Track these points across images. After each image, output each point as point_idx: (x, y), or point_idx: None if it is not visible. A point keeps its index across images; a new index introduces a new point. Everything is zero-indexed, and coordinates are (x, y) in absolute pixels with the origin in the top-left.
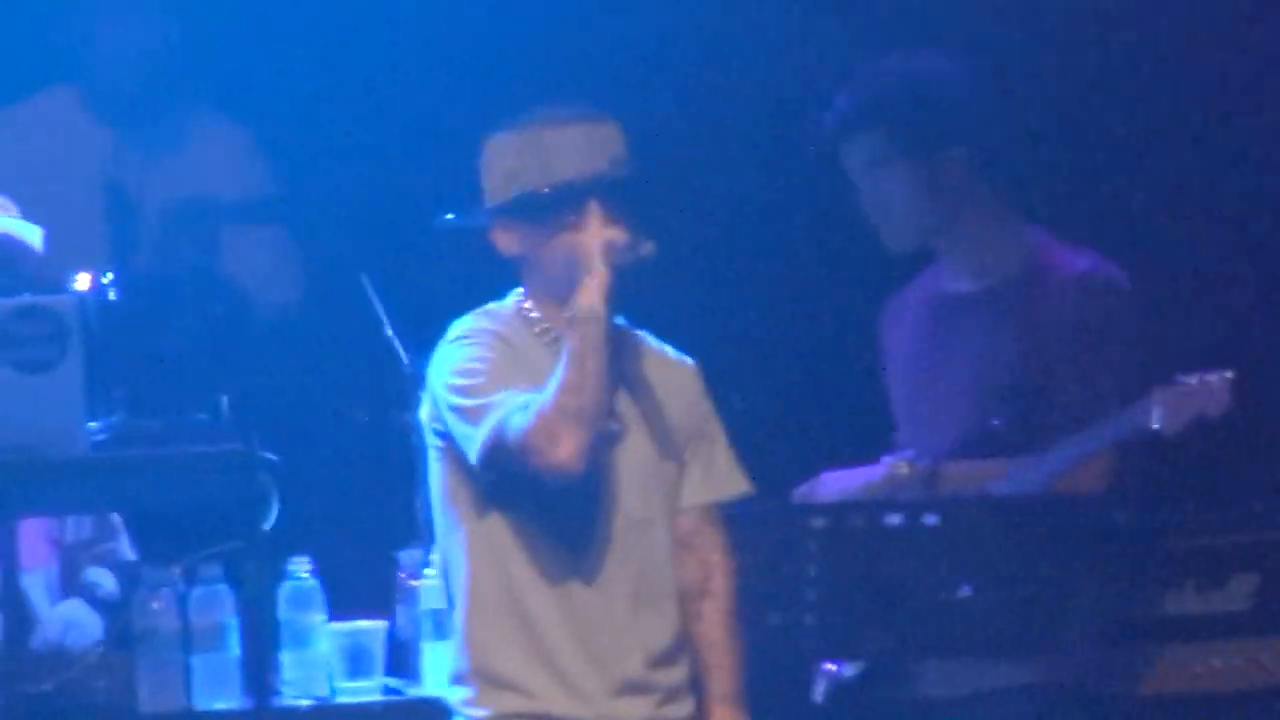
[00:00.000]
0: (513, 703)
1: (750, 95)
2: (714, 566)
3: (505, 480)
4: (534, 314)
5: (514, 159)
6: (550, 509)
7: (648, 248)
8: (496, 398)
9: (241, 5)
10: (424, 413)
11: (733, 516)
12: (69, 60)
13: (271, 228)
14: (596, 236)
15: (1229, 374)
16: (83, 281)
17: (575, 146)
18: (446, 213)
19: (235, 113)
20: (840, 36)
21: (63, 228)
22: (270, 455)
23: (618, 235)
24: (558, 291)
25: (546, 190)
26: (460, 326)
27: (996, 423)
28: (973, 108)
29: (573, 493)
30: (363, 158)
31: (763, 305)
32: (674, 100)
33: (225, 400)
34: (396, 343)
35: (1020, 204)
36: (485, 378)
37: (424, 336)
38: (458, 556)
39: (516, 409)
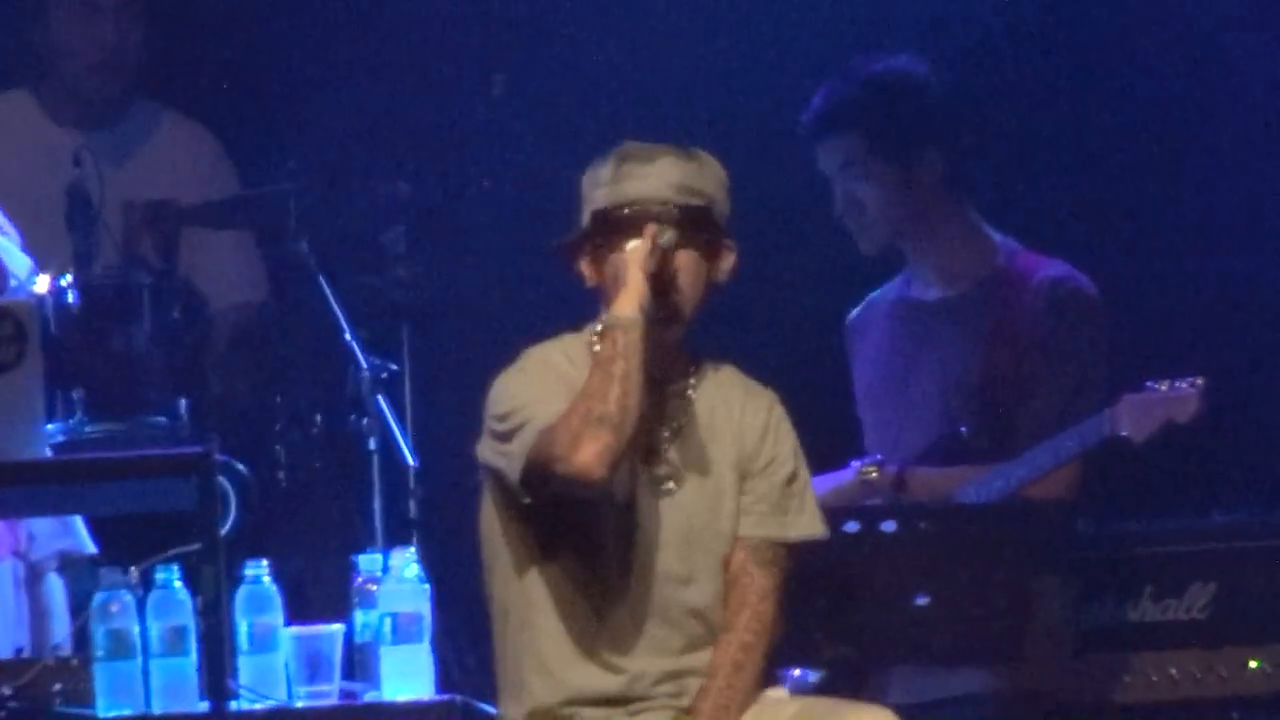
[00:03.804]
0: (526, 700)
1: (728, 100)
2: (745, 609)
3: (541, 505)
4: (596, 344)
5: (592, 184)
6: (585, 558)
7: (666, 235)
8: (535, 417)
9: (203, 8)
10: (479, 448)
11: None
12: (27, 64)
13: (230, 231)
14: (635, 250)
15: (1199, 381)
16: (42, 284)
17: (649, 174)
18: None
19: (195, 115)
20: (817, 41)
21: (22, 230)
22: (228, 459)
23: (645, 243)
24: None
25: (608, 209)
26: (518, 359)
27: (963, 430)
28: (948, 111)
29: (609, 544)
30: (324, 160)
31: (730, 310)
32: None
33: (183, 403)
34: (355, 347)
35: (992, 210)
36: (524, 401)
37: (383, 340)
38: (495, 597)
39: (549, 423)
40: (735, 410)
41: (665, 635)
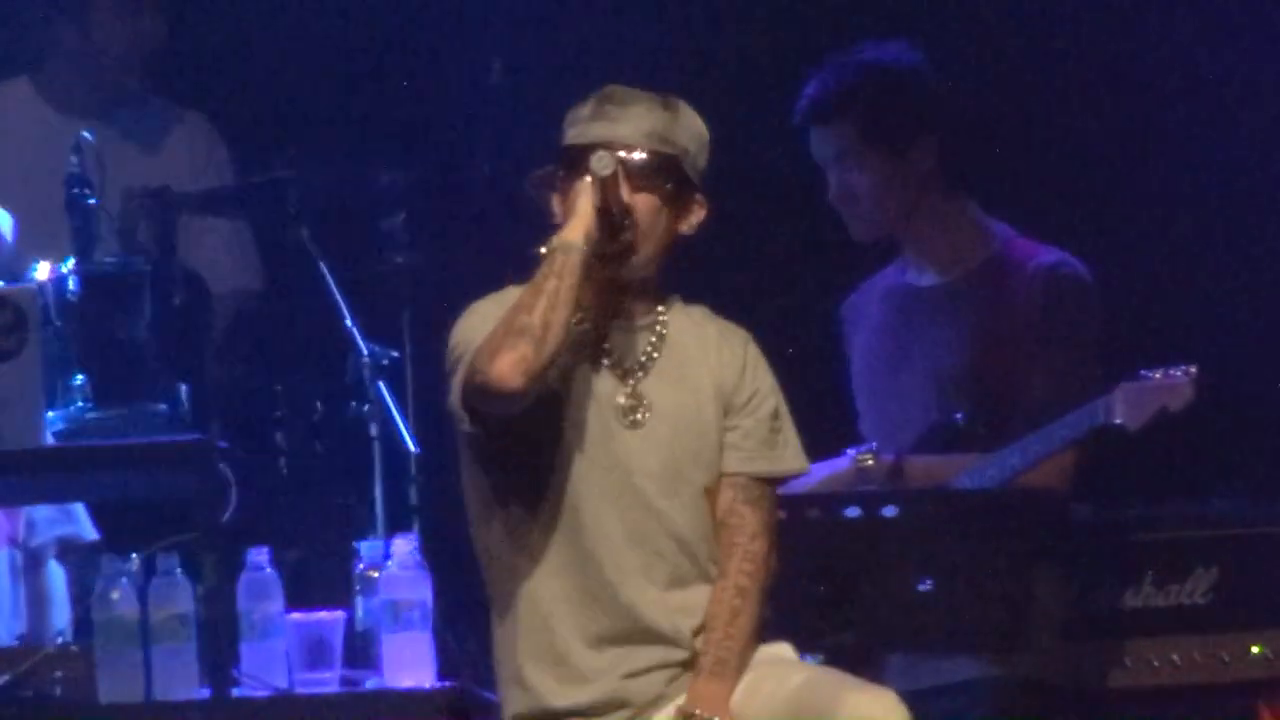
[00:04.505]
0: (518, 702)
1: (725, 86)
2: (736, 550)
3: (489, 436)
4: None
5: (570, 120)
6: (554, 495)
7: (603, 163)
8: (475, 344)
9: None
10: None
11: None
12: (28, 52)
13: (230, 218)
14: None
15: (1192, 368)
16: (42, 271)
17: (621, 117)
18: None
19: (193, 104)
20: (813, 29)
21: (22, 218)
22: (229, 446)
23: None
24: None
25: (575, 147)
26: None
27: (958, 417)
28: (942, 100)
29: (580, 477)
30: (323, 147)
31: (724, 297)
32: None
33: (184, 390)
34: (356, 333)
35: (987, 196)
36: (470, 334)
37: (384, 327)
38: (481, 555)
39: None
40: (710, 345)
41: (650, 564)
